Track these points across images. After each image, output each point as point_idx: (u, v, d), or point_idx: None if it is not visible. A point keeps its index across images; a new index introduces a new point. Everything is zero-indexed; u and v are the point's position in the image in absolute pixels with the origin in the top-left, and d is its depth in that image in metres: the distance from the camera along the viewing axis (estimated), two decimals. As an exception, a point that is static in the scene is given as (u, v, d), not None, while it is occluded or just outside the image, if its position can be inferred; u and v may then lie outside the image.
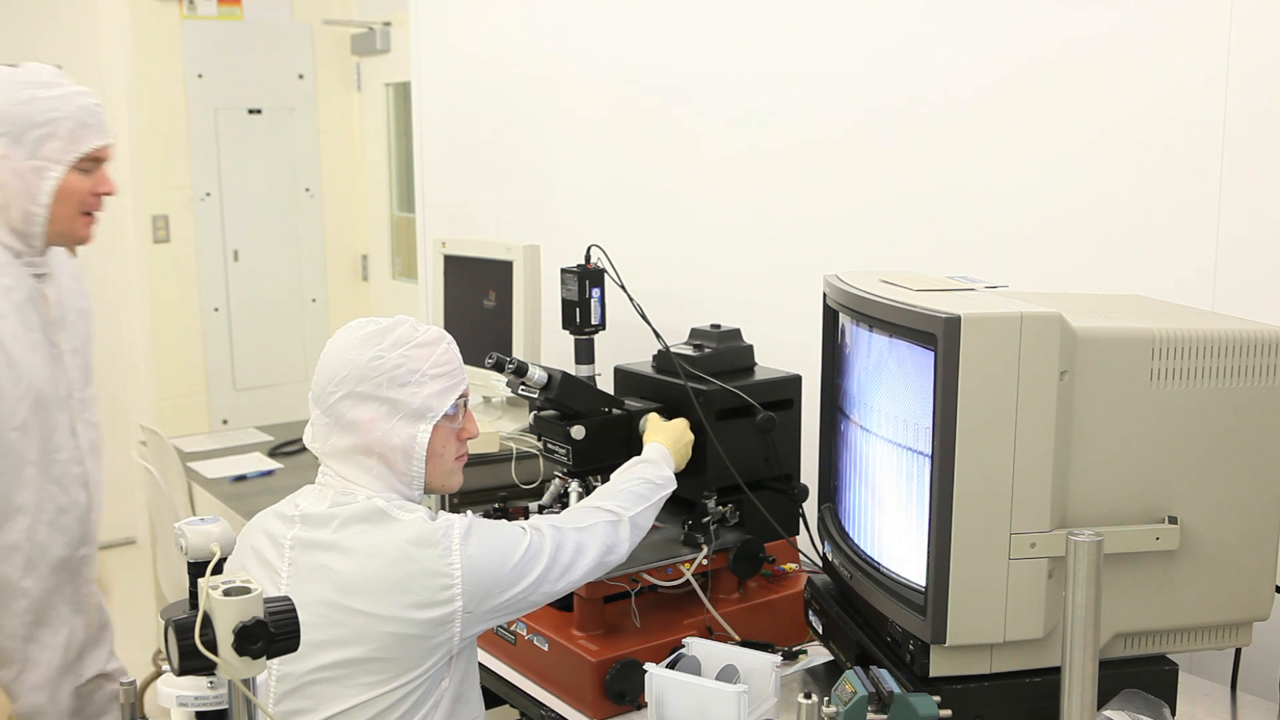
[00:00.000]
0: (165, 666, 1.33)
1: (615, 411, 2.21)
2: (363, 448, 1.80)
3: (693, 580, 2.06)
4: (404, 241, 5.75)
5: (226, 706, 1.32)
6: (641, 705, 1.92)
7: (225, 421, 5.50)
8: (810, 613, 2.01)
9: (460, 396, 1.86)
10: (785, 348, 2.45)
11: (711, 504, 2.15)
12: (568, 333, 2.43)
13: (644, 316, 2.29)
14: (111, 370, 5.54)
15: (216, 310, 5.60)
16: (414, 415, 1.81)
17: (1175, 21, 2.04)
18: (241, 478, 3.56)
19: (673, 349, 2.26)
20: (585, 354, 2.42)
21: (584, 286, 2.40)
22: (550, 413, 2.23)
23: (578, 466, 2.18)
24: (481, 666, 2.17)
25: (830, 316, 1.94)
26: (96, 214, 2.32)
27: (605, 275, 2.41)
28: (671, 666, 1.83)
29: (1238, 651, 1.83)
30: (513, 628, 2.12)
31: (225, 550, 1.32)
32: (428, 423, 1.82)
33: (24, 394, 2.20)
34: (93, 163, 2.26)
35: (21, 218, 2.21)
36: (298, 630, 1.32)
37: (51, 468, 2.27)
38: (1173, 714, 1.62)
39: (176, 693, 1.33)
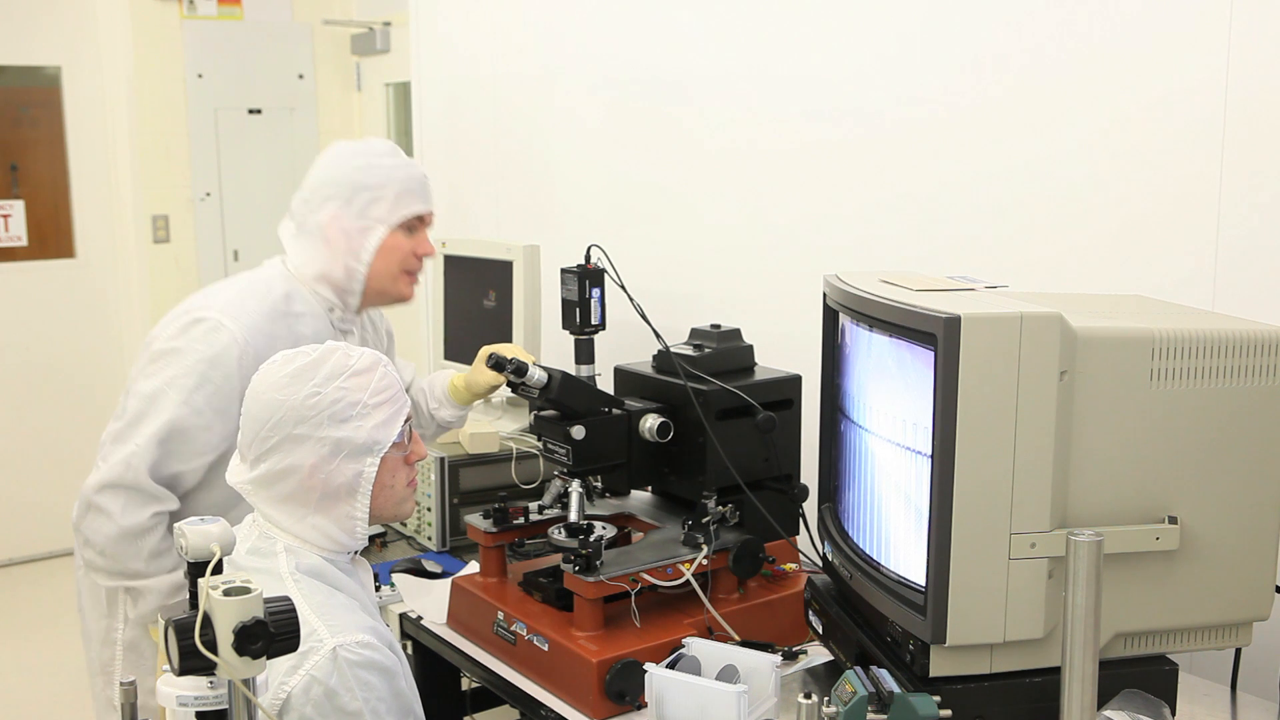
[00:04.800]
0: (165, 666, 1.33)
1: (615, 411, 2.21)
2: (302, 494, 1.70)
3: (693, 580, 2.06)
4: (404, 241, 5.75)
5: (226, 706, 1.32)
6: (641, 705, 1.92)
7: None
8: (810, 613, 2.01)
9: (405, 421, 1.77)
10: (785, 348, 2.45)
11: (711, 504, 2.14)
12: (568, 333, 2.43)
13: (644, 316, 2.29)
14: (112, 371, 5.55)
15: (216, 310, 5.59)
16: (359, 451, 1.70)
17: (1175, 22, 2.04)
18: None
19: (673, 349, 2.26)
20: (585, 354, 2.42)
21: (584, 286, 2.40)
22: (550, 413, 2.23)
23: (578, 466, 2.17)
24: (481, 666, 2.17)
25: (830, 316, 1.94)
26: (417, 274, 2.45)
27: (605, 275, 2.41)
28: (671, 666, 1.83)
29: (1238, 651, 1.83)
30: (512, 627, 2.12)
31: (225, 550, 1.32)
32: (375, 456, 1.72)
33: None
34: (417, 221, 2.40)
35: (345, 274, 2.36)
36: (297, 630, 1.32)
37: None
38: (1173, 714, 1.62)
39: (176, 693, 1.33)
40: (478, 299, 3.26)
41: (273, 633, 1.28)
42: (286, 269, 2.39)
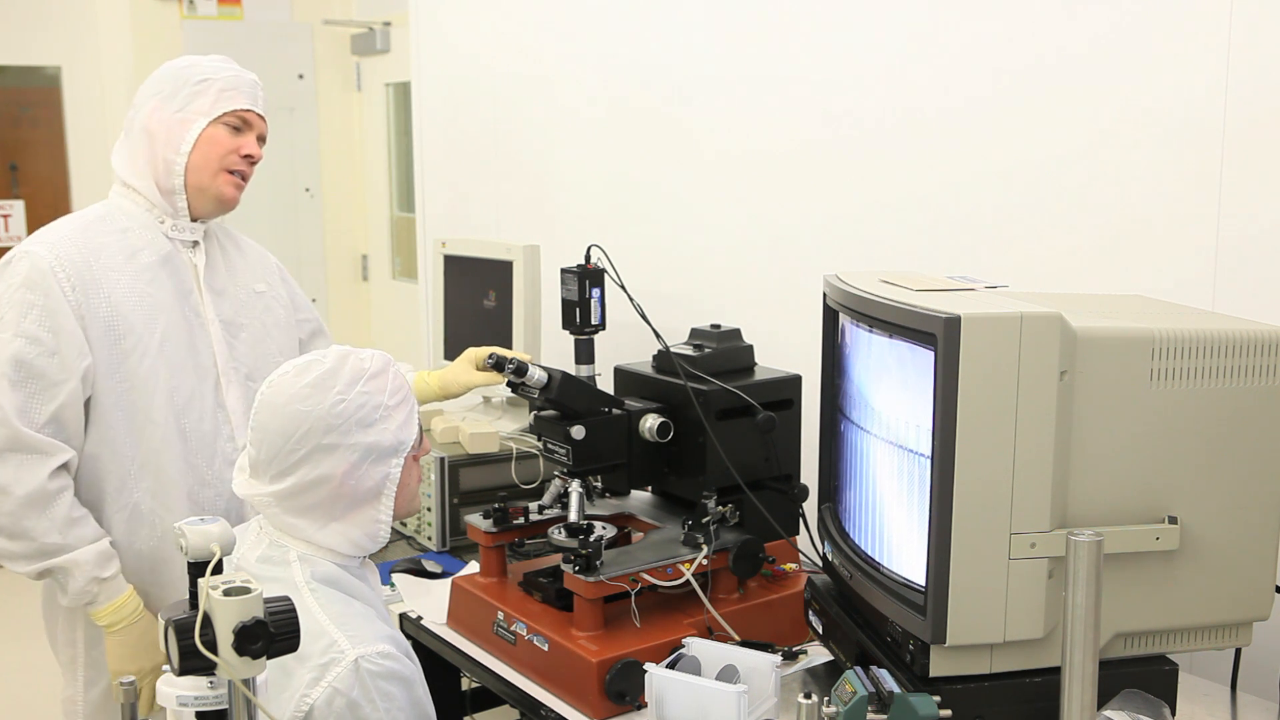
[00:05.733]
0: (165, 666, 1.33)
1: (615, 411, 2.21)
2: (329, 502, 1.70)
3: (693, 580, 2.06)
4: (404, 241, 5.76)
5: (226, 706, 1.32)
6: (641, 705, 1.92)
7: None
8: (810, 613, 2.01)
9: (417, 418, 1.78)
10: (785, 348, 2.45)
11: (711, 504, 2.14)
12: (568, 333, 2.43)
13: (644, 316, 2.29)
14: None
15: (216, 310, 5.60)
16: (387, 453, 1.71)
17: (1175, 23, 2.04)
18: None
19: (673, 349, 2.26)
20: (585, 354, 2.42)
21: (584, 286, 2.40)
22: (550, 413, 2.23)
23: (578, 466, 2.17)
24: (481, 666, 2.17)
25: (830, 316, 1.94)
26: (241, 177, 2.38)
27: (605, 275, 2.41)
28: (671, 666, 1.83)
29: (1238, 651, 1.83)
30: (512, 627, 2.12)
31: (225, 550, 1.32)
32: (400, 457, 1.73)
33: (133, 349, 2.22)
34: (241, 123, 2.36)
35: (165, 168, 2.30)
36: (297, 630, 1.32)
37: (191, 437, 2.27)
38: (1173, 714, 1.62)
39: (176, 693, 1.33)
40: (478, 299, 3.26)
41: (273, 633, 1.28)
42: (111, 198, 2.35)
